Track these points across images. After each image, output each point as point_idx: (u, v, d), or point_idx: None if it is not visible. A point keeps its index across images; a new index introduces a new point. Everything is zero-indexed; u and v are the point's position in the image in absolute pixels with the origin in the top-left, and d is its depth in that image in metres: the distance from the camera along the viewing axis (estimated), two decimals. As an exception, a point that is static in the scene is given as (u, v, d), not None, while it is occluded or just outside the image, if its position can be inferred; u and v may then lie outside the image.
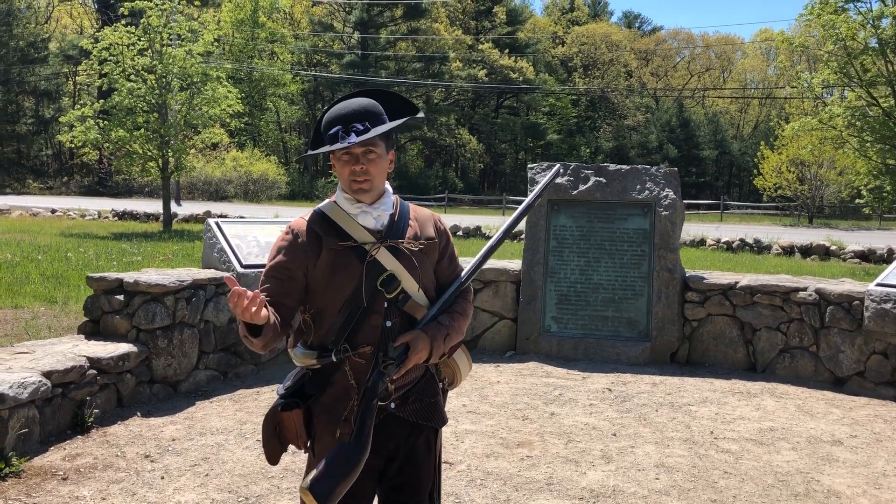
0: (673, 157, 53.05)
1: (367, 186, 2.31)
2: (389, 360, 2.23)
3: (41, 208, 26.49)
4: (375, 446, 2.29)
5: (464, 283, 2.47)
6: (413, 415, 2.38)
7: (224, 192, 40.16)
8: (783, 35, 19.65)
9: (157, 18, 19.55)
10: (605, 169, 7.72)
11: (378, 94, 2.41)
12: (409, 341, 2.26)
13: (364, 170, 2.29)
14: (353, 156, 2.28)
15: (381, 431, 2.32)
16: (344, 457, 2.15)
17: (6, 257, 11.83)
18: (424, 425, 2.42)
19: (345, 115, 2.28)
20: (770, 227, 28.35)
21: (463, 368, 2.54)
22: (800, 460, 4.80)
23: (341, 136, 2.25)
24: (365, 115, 2.29)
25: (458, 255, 2.59)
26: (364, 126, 2.26)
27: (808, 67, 39.24)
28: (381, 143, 2.31)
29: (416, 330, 2.30)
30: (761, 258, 17.28)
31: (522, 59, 56.96)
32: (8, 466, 4.13)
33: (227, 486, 4.13)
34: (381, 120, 2.31)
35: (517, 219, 2.55)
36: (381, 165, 2.33)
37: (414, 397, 2.39)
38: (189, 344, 5.90)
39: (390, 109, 2.38)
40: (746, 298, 7.11)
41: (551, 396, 6.07)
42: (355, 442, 2.17)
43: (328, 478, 2.13)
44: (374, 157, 2.29)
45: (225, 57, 45.65)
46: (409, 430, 2.39)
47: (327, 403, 2.31)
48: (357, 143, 2.23)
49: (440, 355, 2.35)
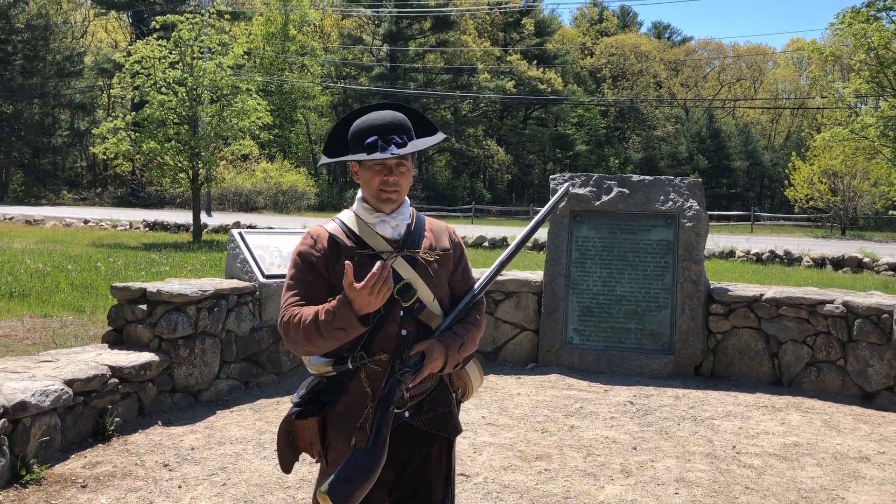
0: (703, 168, 52.57)
1: (396, 197, 2.37)
2: (406, 367, 2.24)
3: (74, 219, 26.95)
4: (388, 456, 2.29)
5: (477, 295, 2.49)
6: (427, 424, 2.40)
7: (254, 203, 40.57)
8: (815, 45, 19.47)
9: (188, 32, 19.83)
10: (628, 180, 7.67)
11: (401, 110, 2.44)
12: (425, 350, 2.28)
13: (396, 181, 2.34)
14: (387, 167, 2.33)
15: (395, 441, 2.33)
16: (362, 462, 2.17)
17: (38, 267, 12.04)
18: (437, 435, 2.43)
19: (382, 126, 2.32)
20: (801, 239, 27.94)
21: (475, 380, 2.55)
22: (825, 477, 4.71)
23: (381, 147, 2.29)
24: (402, 128, 2.35)
25: (477, 266, 2.60)
26: (402, 139, 2.32)
27: (841, 77, 38.75)
28: (410, 157, 2.38)
29: (431, 339, 2.32)
30: (791, 270, 17.03)
31: (551, 71, 56.92)
32: (29, 473, 4.18)
33: (244, 495, 4.14)
34: (412, 135, 2.38)
35: (527, 235, 2.57)
36: (409, 178, 2.40)
37: (428, 406, 2.41)
38: (210, 353, 5.95)
39: (414, 126, 2.42)
40: (772, 311, 7.01)
41: (572, 409, 6.02)
42: (373, 447, 2.18)
43: (346, 482, 2.14)
44: (404, 170, 2.36)
45: (256, 70, 46.22)
46: (422, 440, 2.41)
47: (342, 412, 2.33)
48: (399, 156, 2.28)
49: (455, 365, 2.37)
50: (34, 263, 12.46)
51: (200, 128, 20.15)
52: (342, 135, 2.41)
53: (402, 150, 2.29)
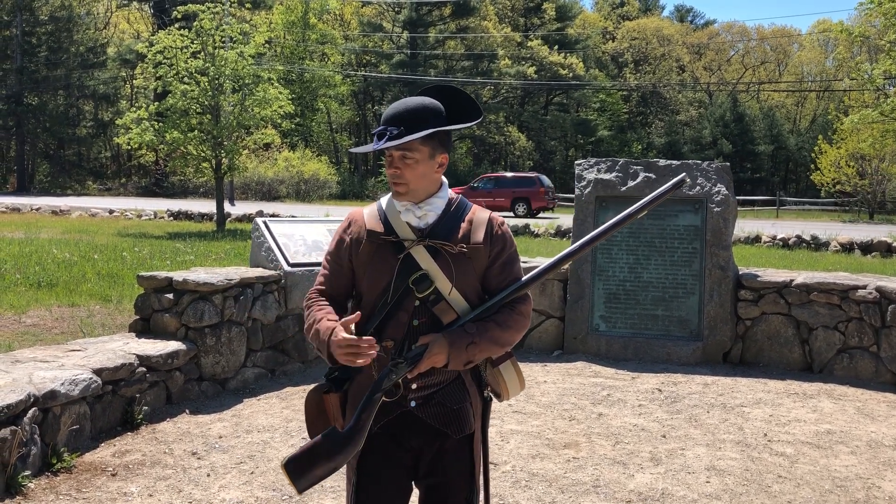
0: (727, 153, 51.91)
1: (402, 189, 2.32)
2: (401, 359, 2.22)
3: (99, 209, 27.19)
4: (397, 440, 2.32)
5: (510, 294, 2.37)
6: (431, 418, 2.34)
7: (276, 192, 40.69)
8: (842, 25, 19.10)
9: (209, 21, 19.84)
10: (654, 164, 7.57)
11: (447, 92, 2.39)
12: (428, 343, 2.24)
13: (397, 173, 2.30)
14: (391, 158, 2.30)
15: (402, 427, 2.33)
16: (329, 443, 2.18)
17: (65, 257, 12.15)
18: (443, 430, 2.36)
19: (389, 116, 2.30)
20: (828, 224, 27.55)
21: (510, 384, 2.43)
22: (859, 465, 4.62)
23: (375, 139, 2.27)
24: (406, 118, 2.27)
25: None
26: (399, 130, 2.25)
27: (869, 58, 38.05)
28: (423, 147, 2.29)
29: (438, 333, 2.26)
30: (819, 255, 16.79)
31: (572, 56, 56.43)
32: (60, 462, 4.21)
33: (272, 483, 4.14)
34: (423, 125, 2.27)
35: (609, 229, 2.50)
36: (419, 170, 2.31)
37: (437, 401, 2.34)
38: (237, 342, 5.96)
39: (456, 109, 2.36)
40: (802, 297, 6.89)
41: (599, 397, 5.97)
42: (346, 432, 2.19)
43: (307, 459, 2.17)
44: (410, 162, 2.29)
45: (276, 59, 46.26)
46: (434, 433, 2.36)
47: (354, 392, 2.34)
48: (381, 148, 2.24)
49: (464, 363, 2.27)
50: (61, 253, 12.58)
51: (223, 117, 20.19)
52: None
53: (384, 143, 2.23)
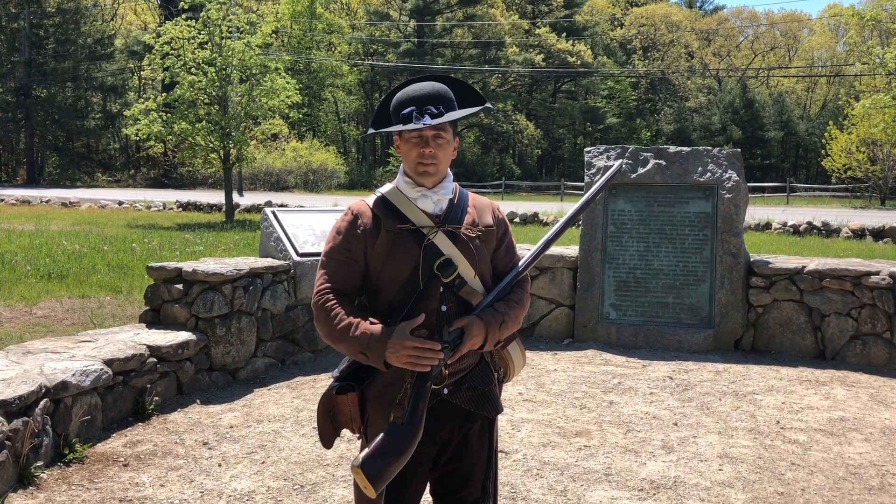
0: (737, 139, 51.58)
1: (433, 170, 2.32)
2: (445, 343, 2.21)
3: (109, 200, 27.26)
4: (428, 432, 2.28)
5: (521, 273, 2.44)
6: (466, 402, 2.37)
7: (284, 182, 40.73)
8: (853, 9, 18.91)
9: (216, 12, 19.81)
10: (664, 151, 7.51)
11: (446, 81, 2.40)
12: (465, 326, 2.25)
13: (432, 153, 2.30)
14: (424, 139, 2.29)
15: (435, 418, 2.31)
16: (396, 437, 2.15)
17: (75, 248, 12.18)
18: (478, 414, 2.39)
19: (419, 97, 2.29)
20: (839, 210, 27.38)
21: (517, 361, 2.51)
22: (873, 452, 4.59)
23: (415, 118, 2.26)
24: (440, 98, 2.30)
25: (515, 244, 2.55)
26: (439, 110, 2.27)
27: (881, 42, 37.70)
28: (450, 129, 2.33)
29: (471, 315, 2.28)
30: (830, 242, 16.69)
31: (580, 43, 56.09)
32: (72, 452, 4.22)
33: (283, 473, 4.14)
34: (453, 105, 2.33)
35: (576, 213, 2.53)
36: (448, 151, 2.35)
37: (468, 385, 2.37)
38: (247, 332, 5.96)
39: (457, 97, 2.38)
40: (814, 283, 6.84)
41: (610, 385, 5.95)
42: (408, 423, 2.17)
43: (379, 457, 2.13)
44: (442, 142, 2.31)
45: (283, 49, 46.21)
46: (463, 418, 2.37)
47: (381, 387, 2.31)
48: (431, 126, 2.24)
49: (495, 343, 2.32)
50: (71, 245, 12.61)
51: (230, 108, 20.19)
52: (387, 108, 2.38)
53: (435, 120, 2.24)
